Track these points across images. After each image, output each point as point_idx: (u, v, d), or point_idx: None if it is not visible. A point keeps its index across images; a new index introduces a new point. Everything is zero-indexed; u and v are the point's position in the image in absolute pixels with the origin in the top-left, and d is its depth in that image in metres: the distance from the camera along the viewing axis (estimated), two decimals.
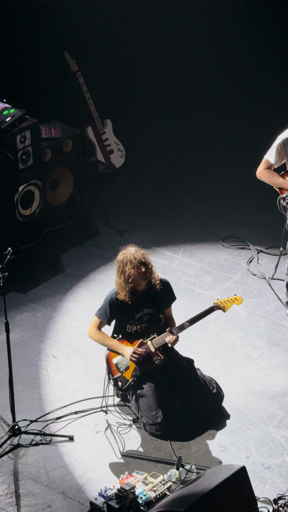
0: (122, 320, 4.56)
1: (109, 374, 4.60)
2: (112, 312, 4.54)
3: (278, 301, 5.48)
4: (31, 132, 5.70)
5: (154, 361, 4.51)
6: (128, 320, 4.55)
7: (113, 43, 6.81)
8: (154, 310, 4.56)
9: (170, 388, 4.53)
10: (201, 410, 4.56)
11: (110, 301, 4.53)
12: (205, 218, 6.34)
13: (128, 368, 4.55)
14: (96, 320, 4.59)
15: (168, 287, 4.61)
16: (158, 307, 4.58)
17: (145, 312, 4.55)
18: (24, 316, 5.42)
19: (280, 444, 4.48)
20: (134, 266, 4.42)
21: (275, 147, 4.94)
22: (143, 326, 4.55)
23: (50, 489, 4.23)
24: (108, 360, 4.60)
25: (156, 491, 4.13)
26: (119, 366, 4.57)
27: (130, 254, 4.45)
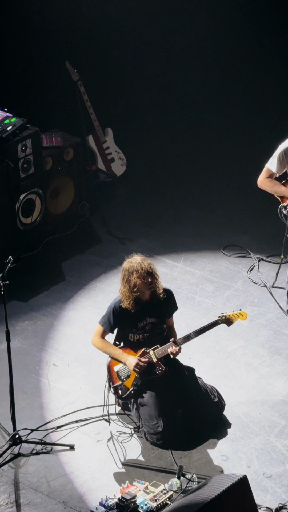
0: (125, 328, 4.56)
1: (110, 381, 4.60)
2: (115, 321, 4.53)
3: (279, 309, 5.48)
4: (32, 140, 5.72)
5: (156, 372, 4.51)
6: (131, 329, 4.54)
7: (114, 52, 6.85)
8: (157, 319, 4.55)
9: (171, 397, 4.52)
10: (202, 419, 4.55)
11: (113, 309, 4.53)
12: (206, 226, 6.35)
13: (129, 377, 4.55)
14: (100, 328, 4.59)
15: (171, 297, 4.60)
16: (161, 317, 4.58)
17: (148, 322, 4.54)
18: (25, 325, 5.42)
19: (282, 453, 4.46)
20: (140, 276, 4.41)
21: (277, 156, 4.95)
22: (146, 335, 4.55)
23: (50, 499, 4.22)
24: (109, 367, 4.60)
25: (157, 501, 4.11)
26: (120, 374, 4.56)
27: (136, 264, 4.43)
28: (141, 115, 7.02)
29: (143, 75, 6.98)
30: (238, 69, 6.89)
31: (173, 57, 6.92)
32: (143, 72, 6.97)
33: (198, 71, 6.92)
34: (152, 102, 7.05)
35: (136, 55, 6.89)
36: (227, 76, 6.92)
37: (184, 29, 6.80)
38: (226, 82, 6.93)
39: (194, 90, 7.02)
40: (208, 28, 6.78)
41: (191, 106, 7.04)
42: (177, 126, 7.07)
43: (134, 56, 6.89)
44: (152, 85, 7.03)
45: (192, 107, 7.04)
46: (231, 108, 6.97)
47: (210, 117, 7.01)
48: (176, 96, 7.06)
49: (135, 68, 6.94)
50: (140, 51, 6.87)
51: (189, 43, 6.84)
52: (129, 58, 6.90)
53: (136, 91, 7.00)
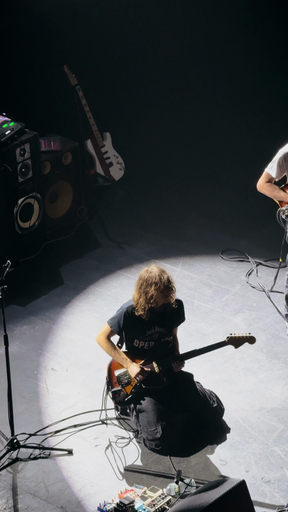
0: (133, 334, 4.54)
1: (109, 385, 4.59)
2: (125, 324, 4.50)
3: (277, 313, 5.48)
4: (30, 145, 5.73)
5: (157, 383, 4.49)
6: (138, 335, 4.52)
7: (113, 56, 6.86)
8: (165, 329, 4.54)
9: (170, 403, 4.51)
10: (201, 425, 4.54)
11: (125, 313, 4.49)
12: (204, 231, 6.35)
13: (129, 383, 4.54)
14: (108, 328, 4.56)
15: (181, 307, 4.59)
16: (170, 327, 4.57)
17: (156, 330, 4.53)
18: (23, 329, 5.41)
19: (280, 457, 4.46)
20: (159, 289, 4.37)
21: (276, 161, 4.95)
22: (151, 344, 4.54)
23: (49, 504, 4.21)
24: (110, 370, 4.58)
25: (155, 505, 4.10)
26: (120, 379, 4.55)
27: (155, 276, 4.39)
28: (139, 119, 7.03)
29: (142, 80, 6.99)
30: (238, 74, 6.89)
31: (172, 62, 6.93)
32: (141, 77, 6.98)
33: (197, 76, 6.93)
34: (150, 106, 7.06)
35: (134, 60, 6.90)
36: (226, 83, 6.92)
37: (183, 34, 6.82)
38: (225, 88, 6.94)
39: (193, 95, 7.02)
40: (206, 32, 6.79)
41: (189, 111, 7.05)
42: (175, 131, 7.08)
43: (133, 60, 6.90)
44: (151, 90, 7.03)
45: (191, 112, 7.04)
46: (230, 114, 6.98)
47: (209, 123, 7.02)
48: (174, 100, 7.07)
49: (133, 73, 6.95)
50: (138, 55, 6.88)
51: (188, 48, 6.85)
52: (128, 63, 6.91)
53: (135, 96, 7.01)
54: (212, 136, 7.01)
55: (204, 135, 7.02)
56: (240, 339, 4.51)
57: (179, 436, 4.49)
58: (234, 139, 6.95)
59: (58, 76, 6.42)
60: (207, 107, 7.01)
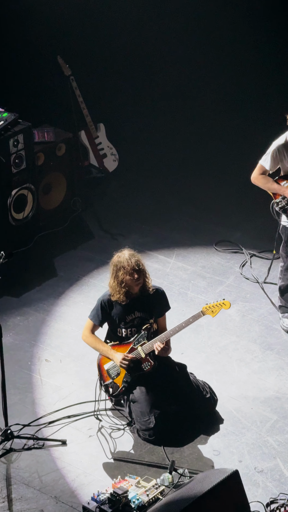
0: (113, 322, 4.56)
1: (101, 380, 4.60)
2: (104, 314, 4.54)
3: (270, 305, 5.49)
4: (24, 136, 5.70)
5: (144, 367, 4.51)
6: (120, 323, 4.54)
7: (107, 47, 6.83)
8: (145, 314, 4.56)
9: (163, 394, 4.53)
10: (194, 415, 4.56)
11: (101, 303, 4.54)
12: (198, 222, 6.35)
13: (119, 374, 4.55)
14: (89, 322, 4.59)
15: (162, 296, 4.60)
16: (150, 312, 4.58)
17: (137, 316, 4.55)
18: (17, 320, 5.41)
19: (273, 447, 4.48)
20: (127, 273, 4.43)
21: (270, 153, 4.95)
22: (133, 330, 4.55)
23: (42, 494, 4.22)
24: (99, 366, 4.60)
25: (149, 495, 4.12)
26: (110, 372, 4.56)
27: (124, 260, 4.45)
28: (133, 110, 7.01)
29: (136, 71, 6.97)
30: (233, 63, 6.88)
31: (166, 52, 6.91)
32: (135, 68, 6.96)
33: (192, 66, 6.91)
34: (144, 97, 7.04)
35: (128, 50, 6.87)
36: (221, 72, 6.91)
37: (178, 22, 6.78)
38: (220, 78, 6.92)
39: (187, 86, 7.01)
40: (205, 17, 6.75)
41: (184, 102, 7.03)
42: (169, 122, 7.07)
43: (127, 51, 6.87)
44: (145, 80, 7.01)
45: (185, 103, 7.03)
46: (225, 104, 6.97)
47: (204, 114, 7.01)
48: (169, 91, 7.05)
49: (127, 63, 6.93)
50: (133, 45, 6.86)
51: (183, 36, 6.82)
52: (122, 53, 6.88)
53: (129, 86, 6.99)
54: (207, 128, 7.00)
55: (198, 127, 7.01)
56: (215, 307, 4.52)
57: (172, 426, 4.50)
58: (228, 131, 6.95)
59: (52, 66, 6.39)
60: (202, 99, 7.00)
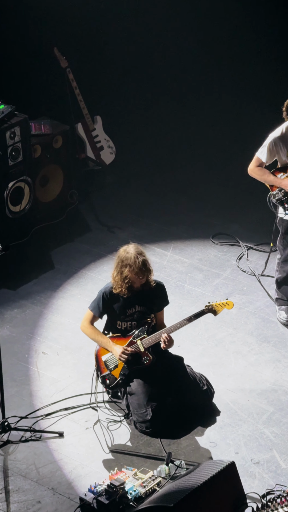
0: (114, 315, 4.56)
1: (98, 371, 4.60)
2: (105, 306, 4.53)
3: (267, 297, 5.50)
4: (20, 128, 5.69)
5: (143, 361, 4.51)
6: (120, 315, 4.54)
7: (103, 39, 6.81)
8: (145, 308, 4.56)
9: (160, 386, 4.54)
10: (191, 407, 4.57)
11: (103, 294, 4.52)
12: (195, 215, 6.35)
13: (117, 367, 4.55)
14: (89, 313, 4.58)
15: (162, 290, 4.60)
16: (150, 306, 4.58)
17: (137, 309, 4.55)
18: (14, 313, 5.41)
19: (269, 439, 4.50)
20: (133, 271, 4.40)
21: (267, 145, 4.95)
22: (133, 323, 4.55)
23: (39, 485, 4.24)
24: (97, 357, 4.60)
25: (145, 487, 4.14)
26: (108, 363, 4.57)
27: (131, 257, 4.40)
28: (130, 103, 6.99)
29: (133, 62, 6.94)
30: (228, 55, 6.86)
31: (165, 44, 6.89)
32: (132, 59, 6.93)
33: (188, 57, 6.89)
34: (141, 90, 7.02)
35: (126, 42, 6.85)
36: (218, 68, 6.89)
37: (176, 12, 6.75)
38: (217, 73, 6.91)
39: (184, 78, 6.99)
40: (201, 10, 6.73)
41: (181, 94, 7.02)
42: (166, 114, 7.05)
43: (124, 43, 6.85)
44: (142, 73, 6.99)
45: (182, 95, 7.02)
46: (221, 96, 6.96)
47: (199, 106, 7.00)
48: (165, 84, 7.03)
49: (124, 56, 6.90)
50: (130, 37, 6.83)
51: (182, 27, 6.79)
52: (118, 45, 6.86)
53: (126, 79, 6.97)
54: (204, 121, 6.99)
55: (196, 120, 7.00)
56: (218, 306, 4.53)
57: (169, 418, 4.51)
58: (225, 123, 6.94)
59: (48, 58, 6.37)
60: (199, 92, 6.98)
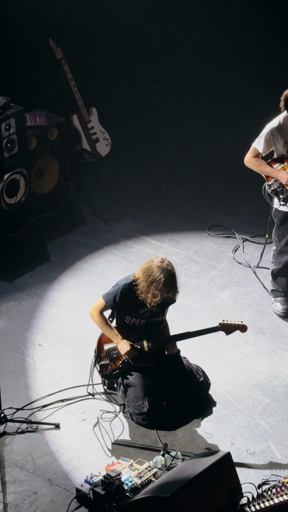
0: (125, 310, 4.54)
1: (97, 358, 4.60)
2: (121, 301, 4.48)
3: (263, 289, 5.51)
4: (16, 120, 5.67)
5: (144, 361, 4.51)
6: (131, 312, 4.52)
7: (99, 30, 6.78)
8: (158, 309, 4.54)
9: (157, 378, 4.54)
10: (188, 399, 4.58)
11: (122, 290, 4.46)
12: (191, 207, 6.35)
13: (117, 359, 4.56)
14: (102, 303, 4.52)
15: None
16: (162, 308, 4.57)
17: (149, 309, 4.52)
18: (10, 305, 5.40)
19: (265, 430, 4.52)
20: (164, 293, 4.35)
21: (264, 136, 4.94)
22: (142, 322, 4.54)
23: (36, 476, 4.25)
24: (100, 343, 4.59)
25: (142, 478, 4.15)
26: (110, 353, 4.57)
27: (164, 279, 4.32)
28: (126, 94, 6.97)
29: (129, 53, 6.91)
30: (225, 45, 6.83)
31: (159, 34, 6.86)
32: (128, 51, 6.90)
33: (185, 48, 6.86)
34: (137, 81, 7.00)
35: (121, 33, 6.82)
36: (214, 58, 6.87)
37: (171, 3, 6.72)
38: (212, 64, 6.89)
39: (181, 70, 6.97)
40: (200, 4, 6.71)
41: (177, 85, 7.00)
42: (162, 106, 7.04)
43: (120, 34, 6.82)
44: (138, 64, 6.96)
45: (178, 86, 6.99)
46: (218, 88, 6.94)
47: (195, 97, 6.98)
48: (162, 76, 7.01)
49: (120, 47, 6.87)
50: (126, 28, 6.80)
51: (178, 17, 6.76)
52: (114, 36, 6.83)
53: (122, 70, 6.94)
54: (199, 112, 6.98)
55: (191, 111, 6.98)
56: (231, 327, 4.52)
57: (165, 410, 4.52)
58: (221, 114, 6.92)
59: (44, 50, 6.34)
60: (195, 84, 6.96)
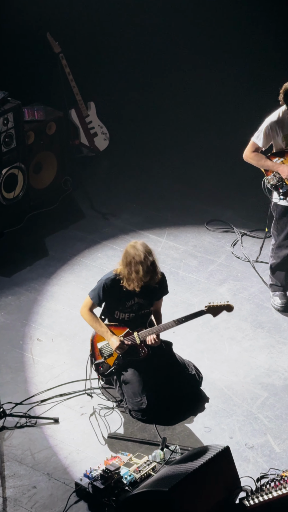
0: (112, 305, 4.55)
1: (92, 357, 4.61)
2: (105, 296, 4.51)
3: (262, 283, 5.51)
4: (14, 114, 5.66)
5: (138, 354, 4.52)
6: (118, 306, 4.53)
7: (97, 24, 6.75)
8: (145, 301, 4.54)
9: (152, 372, 4.54)
10: (180, 391, 4.57)
11: (104, 285, 4.49)
12: (190, 201, 6.34)
13: (111, 355, 4.56)
14: (89, 300, 4.56)
15: (163, 280, 4.58)
16: (150, 299, 4.57)
17: (136, 301, 4.53)
18: (8, 300, 5.40)
19: (263, 424, 4.53)
20: (142, 272, 4.33)
21: (263, 130, 4.92)
22: (131, 315, 4.55)
23: (35, 471, 4.25)
24: (93, 343, 4.60)
25: (140, 472, 4.16)
26: (103, 351, 4.57)
27: (141, 258, 4.31)
28: (124, 89, 6.95)
29: (127, 48, 6.89)
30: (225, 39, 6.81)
31: (158, 28, 6.83)
32: (126, 45, 6.88)
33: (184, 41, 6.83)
34: (135, 75, 6.98)
35: (119, 27, 6.79)
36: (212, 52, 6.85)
37: None
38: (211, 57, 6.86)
39: (179, 64, 6.94)
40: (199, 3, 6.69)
41: (175, 80, 6.98)
42: (160, 101, 7.02)
43: (118, 27, 6.79)
44: (136, 58, 6.94)
45: (177, 80, 6.97)
46: (216, 82, 6.92)
47: (195, 92, 6.96)
48: (160, 69, 6.99)
49: (118, 41, 6.85)
50: (124, 22, 6.77)
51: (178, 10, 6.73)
52: (112, 30, 6.80)
53: (120, 64, 6.92)
54: (198, 106, 6.96)
55: (189, 105, 6.97)
56: (218, 308, 4.52)
57: (163, 404, 4.53)
58: (220, 109, 6.90)
59: (41, 44, 6.31)
60: (193, 77, 6.94)
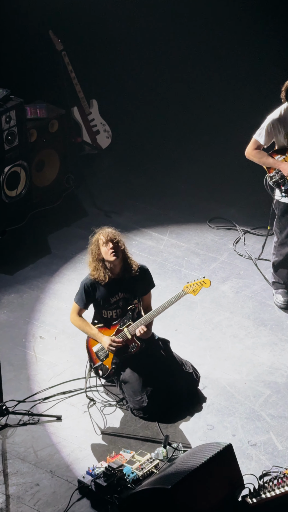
0: (98, 305, 4.55)
1: (91, 362, 4.61)
2: (88, 297, 4.52)
3: (264, 281, 5.51)
4: (16, 112, 5.66)
5: (131, 349, 4.51)
6: (104, 304, 4.53)
7: (99, 21, 6.74)
8: (129, 295, 4.54)
9: (150, 370, 4.54)
10: (177, 387, 4.56)
11: (84, 286, 4.52)
12: (192, 199, 6.34)
13: (107, 356, 4.56)
14: (75, 305, 4.58)
15: (146, 273, 4.57)
16: (133, 292, 4.56)
17: (120, 297, 4.52)
18: (11, 298, 5.41)
19: (266, 422, 4.53)
20: (103, 243, 4.42)
21: (265, 127, 4.91)
22: (119, 311, 4.55)
23: (38, 468, 4.26)
24: (88, 348, 4.61)
25: (143, 469, 4.17)
26: (99, 354, 4.58)
27: (99, 233, 4.47)
28: (126, 86, 6.95)
29: (129, 45, 6.89)
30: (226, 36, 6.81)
31: (160, 26, 6.83)
32: (128, 42, 6.87)
33: (186, 39, 6.83)
34: (138, 73, 6.97)
35: (121, 25, 6.79)
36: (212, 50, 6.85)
37: None
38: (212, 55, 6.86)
39: (181, 61, 6.94)
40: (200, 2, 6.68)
41: (177, 78, 6.97)
42: (162, 98, 7.01)
43: (120, 25, 6.79)
44: (138, 55, 6.94)
45: (178, 79, 6.97)
46: (218, 79, 6.91)
47: (197, 90, 6.96)
48: (162, 66, 6.98)
49: (120, 38, 6.84)
50: (127, 19, 6.77)
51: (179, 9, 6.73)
52: (114, 28, 6.80)
53: (122, 62, 6.91)
54: (200, 104, 6.95)
55: (192, 103, 6.96)
56: (195, 286, 4.51)
57: (164, 401, 4.53)
58: (222, 106, 6.90)
59: (44, 41, 6.31)
60: (194, 74, 6.94)
